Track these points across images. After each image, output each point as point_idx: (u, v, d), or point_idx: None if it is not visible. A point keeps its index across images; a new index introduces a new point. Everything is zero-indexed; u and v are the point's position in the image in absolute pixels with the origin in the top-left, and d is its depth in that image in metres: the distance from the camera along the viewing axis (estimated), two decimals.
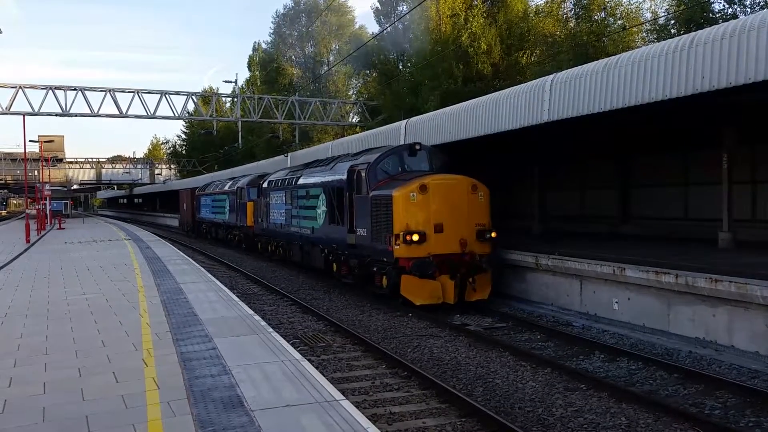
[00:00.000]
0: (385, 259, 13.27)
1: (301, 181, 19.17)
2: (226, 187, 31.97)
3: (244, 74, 67.93)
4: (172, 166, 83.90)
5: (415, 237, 12.66)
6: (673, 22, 24.57)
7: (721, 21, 20.16)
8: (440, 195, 13.00)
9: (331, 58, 53.33)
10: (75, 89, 32.99)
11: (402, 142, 17.71)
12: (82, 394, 6.16)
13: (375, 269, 13.82)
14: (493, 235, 13.37)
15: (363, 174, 14.22)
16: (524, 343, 10.51)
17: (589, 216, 20.45)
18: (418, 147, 14.41)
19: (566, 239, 16.67)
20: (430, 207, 12.89)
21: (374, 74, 44.14)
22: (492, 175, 16.79)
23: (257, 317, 9.87)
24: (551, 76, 13.09)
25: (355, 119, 44.67)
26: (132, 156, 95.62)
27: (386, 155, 14.36)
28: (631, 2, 28.94)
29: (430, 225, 12.87)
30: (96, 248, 24.56)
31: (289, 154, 32.26)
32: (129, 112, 33.92)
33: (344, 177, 15.13)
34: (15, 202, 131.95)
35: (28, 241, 28.84)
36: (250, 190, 27.12)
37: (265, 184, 23.66)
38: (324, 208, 16.76)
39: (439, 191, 13.01)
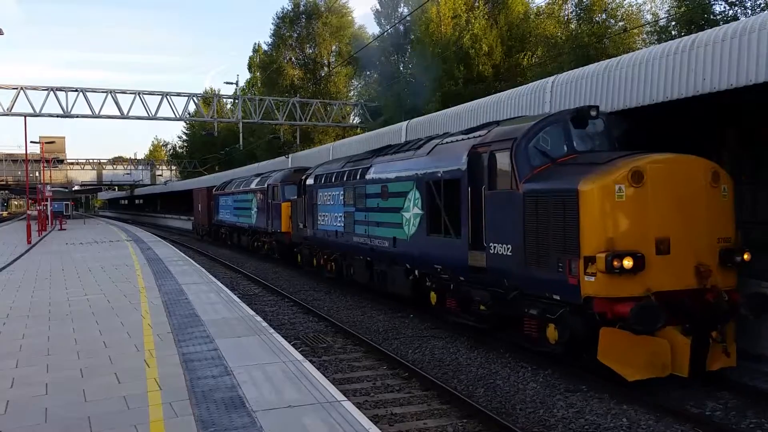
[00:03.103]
0: (556, 297, 8.19)
1: (372, 173, 14.05)
2: (253, 185, 26.69)
3: (245, 76, 68.14)
4: (173, 167, 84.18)
5: (627, 262, 7.41)
6: (674, 23, 24.59)
7: (721, 23, 20.17)
8: (665, 188, 7.78)
9: (332, 59, 53.42)
10: (76, 90, 33.09)
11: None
12: (84, 394, 6.18)
13: (533, 312, 8.65)
14: (746, 257, 8.15)
15: (504, 157, 9.22)
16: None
17: None
18: (594, 113, 9.13)
19: None
20: (648, 209, 7.70)
21: (375, 75, 44.24)
22: None
23: (258, 318, 9.90)
24: (552, 78, 13.11)
25: (356, 120, 44.76)
26: (133, 157, 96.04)
27: (541, 126, 9.19)
28: (632, 4, 29.06)
29: (650, 240, 7.64)
30: (97, 249, 24.61)
31: (290, 155, 32.32)
32: (130, 114, 34.05)
33: (460, 165, 10.23)
34: (16, 203, 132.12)
35: (29, 242, 28.88)
36: (286, 187, 22.26)
37: (309, 180, 18.43)
38: (417, 210, 11.94)
39: (664, 182, 7.78)
